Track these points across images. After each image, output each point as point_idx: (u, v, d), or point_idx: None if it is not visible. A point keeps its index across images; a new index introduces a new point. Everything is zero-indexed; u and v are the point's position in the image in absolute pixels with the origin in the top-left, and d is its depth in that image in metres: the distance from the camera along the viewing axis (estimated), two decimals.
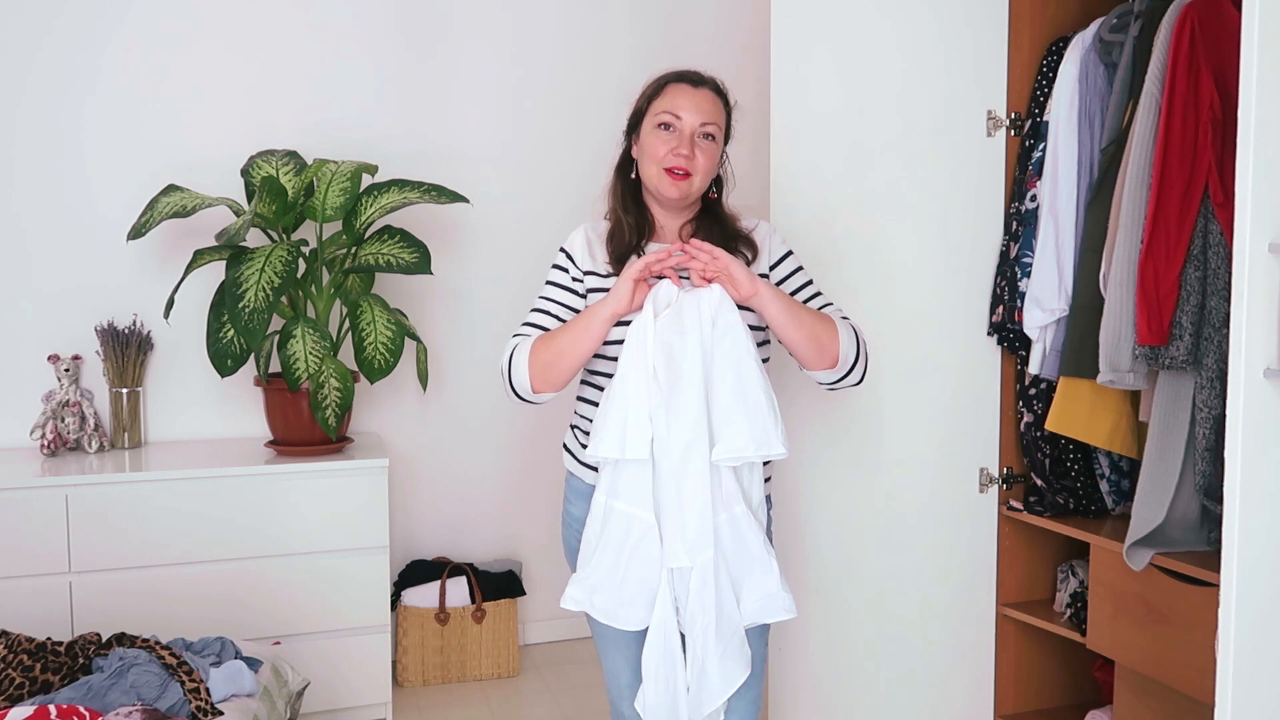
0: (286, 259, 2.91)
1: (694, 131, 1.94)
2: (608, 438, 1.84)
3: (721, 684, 1.88)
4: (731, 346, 1.86)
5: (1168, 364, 2.27)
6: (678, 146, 1.94)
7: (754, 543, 1.90)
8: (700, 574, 1.85)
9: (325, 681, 3.02)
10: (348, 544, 3.06)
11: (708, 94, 1.98)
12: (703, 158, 1.95)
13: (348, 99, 3.50)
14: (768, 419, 1.85)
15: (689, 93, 1.96)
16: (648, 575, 1.88)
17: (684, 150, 1.93)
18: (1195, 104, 2.23)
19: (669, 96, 1.97)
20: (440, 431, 3.65)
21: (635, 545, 1.88)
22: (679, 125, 1.95)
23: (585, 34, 3.71)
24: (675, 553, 1.85)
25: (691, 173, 1.95)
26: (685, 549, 1.85)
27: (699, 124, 1.94)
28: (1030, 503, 2.78)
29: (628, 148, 2.05)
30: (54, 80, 3.25)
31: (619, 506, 1.88)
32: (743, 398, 1.85)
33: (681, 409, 1.84)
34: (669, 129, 1.95)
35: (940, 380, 2.76)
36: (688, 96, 1.96)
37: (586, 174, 2.11)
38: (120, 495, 2.90)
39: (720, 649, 1.87)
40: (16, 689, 2.20)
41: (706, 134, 1.95)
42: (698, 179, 1.96)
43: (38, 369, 3.25)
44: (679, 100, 1.96)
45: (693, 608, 1.86)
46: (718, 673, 1.87)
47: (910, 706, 2.80)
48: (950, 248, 2.75)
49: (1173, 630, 2.35)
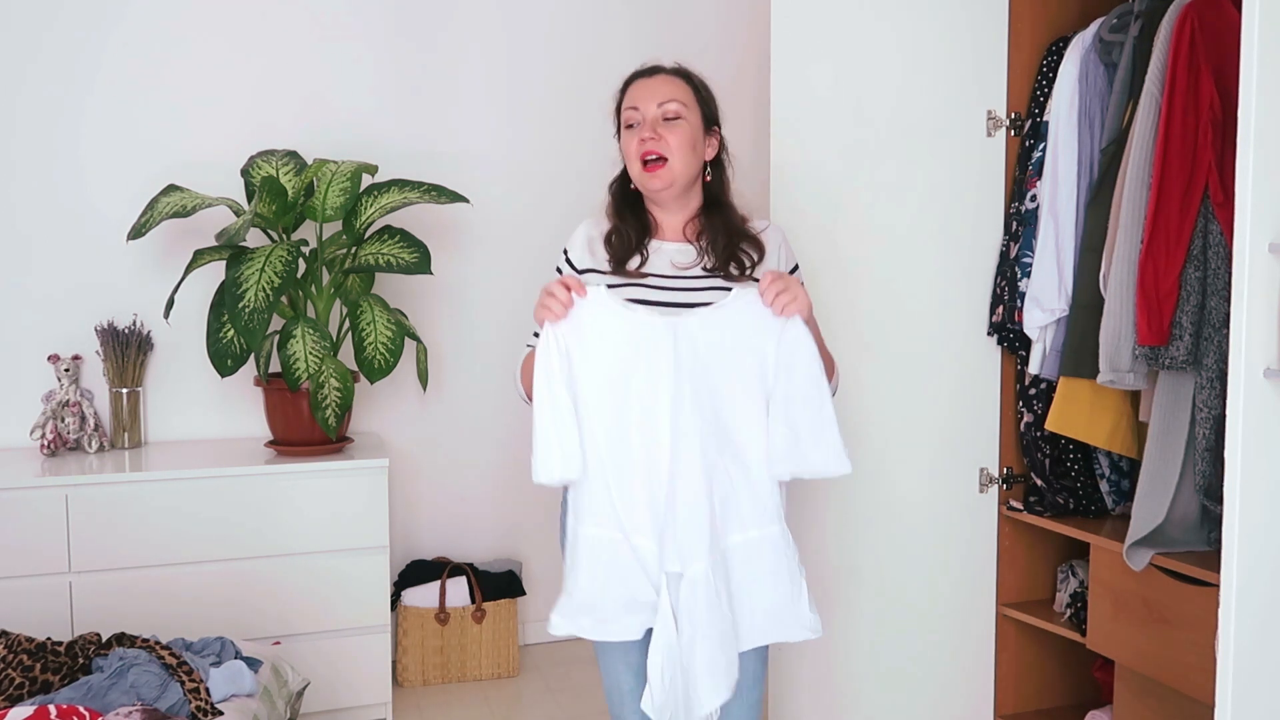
0: (286, 259, 2.91)
1: (654, 117, 1.94)
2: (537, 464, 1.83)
3: (710, 695, 1.84)
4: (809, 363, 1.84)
5: (1168, 364, 2.27)
6: (642, 133, 1.94)
7: (788, 563, 1.88)
8: (690, 583, 1.82)
9: (325, 681, 3.02)
10: (347, 544, 3.06)
11: (661, 78, 1.98)
12: (671, 137, 1.93)
13: (348, 99, 3.50)
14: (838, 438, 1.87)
15: (642, 84, 1.98)
16: (630, 589, 1.85)
17: (646, 134, 1.93)
18: (1195, 104, 2.23)
19: (628, 96, 1.99)
20: (440, 431, 3.65)
21: (608, 565, 1.85)
22: (638, 116, 1.95)
23: (586, 34, 3.71)
24: (669, 558, 1.83)
25: (664, 155, 1.93)
26: (678, 555, 1.83)
27: (656, 107, 1.94)
28: (1030, 503, 2.78)
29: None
30: (54, 80, 3.25)
31: (585, 531, 1.86)
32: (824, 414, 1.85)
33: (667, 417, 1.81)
34: (633, 126, 1.96)
35: (940, 380, 2.76)
36: (641, 88, 1.97)
37: (586, 174, 2.11)
38: (120, 495, 2.90)
39: (708, 659, 1.83)
40: (16, 689, 2.20)
41: (668, 115, 1.94)
42: (675, 161, 1.94)
43: (38, 369, 3.24)
44: (634, 95, 1.98)
45: (683, 617, 1.83)
46: (708, 685, 1.84)
47: (910, 706, 2.80)
48: (950, 248, 2.74)
49: (1173, 630, 2.35)
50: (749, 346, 1.85)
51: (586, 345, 1.84)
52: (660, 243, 2.01)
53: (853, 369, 2.39)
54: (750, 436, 1.86)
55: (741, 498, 1.86)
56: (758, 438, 1.86)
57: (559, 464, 1.82)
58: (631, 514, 1.84)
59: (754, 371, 1.85)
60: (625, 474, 1.84)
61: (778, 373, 1.84)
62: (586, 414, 1.84)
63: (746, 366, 1.85)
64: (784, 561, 1.89)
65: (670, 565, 1.83)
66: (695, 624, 1.83)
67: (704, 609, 1.83)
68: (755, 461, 1.86)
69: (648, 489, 1.83)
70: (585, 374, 1.84)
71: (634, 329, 1.83)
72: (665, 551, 1.83)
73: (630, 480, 1.84)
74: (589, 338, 1.84)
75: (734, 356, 1.85)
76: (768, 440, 1.85)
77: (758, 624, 1.90)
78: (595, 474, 1.85)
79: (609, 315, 1.84)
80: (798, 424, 1.84)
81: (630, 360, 1.83)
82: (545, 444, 1.82)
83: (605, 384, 1.84)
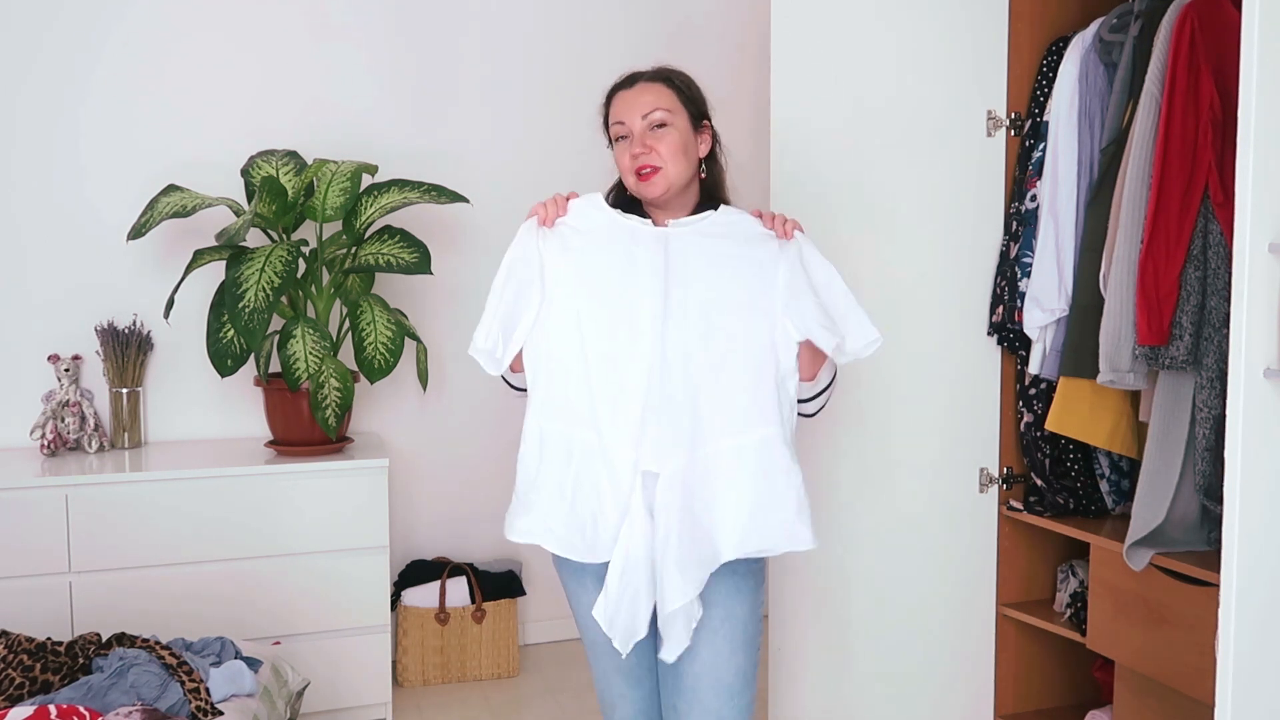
0: (286, 259, 2.91)
1: (641, 129, 1.94)
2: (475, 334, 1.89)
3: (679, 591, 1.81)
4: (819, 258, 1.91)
5: (1168, 364, 2.27)
6: (632, 147, 1.94)
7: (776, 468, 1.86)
8: (667, 480, 1.82)
9: (325, 681, 3.02)
10: (347, 544, 3.06)
11: (643, 86, 1.97)
12: (661, 146, 1.93)
13: (348, 99, 3.50)
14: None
15: (625, 96, 1.97)
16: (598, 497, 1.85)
17: (637, 150, 1.94)
18: (1195, 104, 2.23)
19: (613, 109, 1.98)
20: (440, 431, 3.65)
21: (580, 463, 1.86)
22: (626, 130, 1.95)
23: (586, 34, 3.71)
24: (646, 458, 1.83)
25: (656, 165, 1.94)
26: (655, 456, 1.83)
27: (641, 119, 1.94)
28: (1030, 503, 2.78)
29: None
30: (54, 80, 3.25)
31: (555, 428, 1.88)
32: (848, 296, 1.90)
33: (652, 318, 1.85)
34: (623, 139, 1.96)
35: (940, 380, 2.76)
36: (624, 101, 1.96)
37: (586, 173, 2.11)
38: (120, 495, 2.90)
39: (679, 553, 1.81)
40: (16, 689, 2.20)
41: (654, 124, 1.94)
42: (669, 168, 1.94)
43: (38, 369, 3.24)
44: (618, 108, 1.97)
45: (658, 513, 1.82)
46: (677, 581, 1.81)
47: (910, 706, 2.80)
48: (950, 247, 2.74)
49: (1173, 630, 2.35)
50: (747, 257, 1.91)
51: (573, 248, 1.90)
52: None
53: (853, 368, 2.38)
54: (745, 342, 1.88)
55: (734, 402, 1.87)
56: (752, 343, 1.88)
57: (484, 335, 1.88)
58: (612, 416, 1.85)
59: (752, 280, 1.89)
60: (608, 375, 1.86)
61: (793, 271, 1.89)
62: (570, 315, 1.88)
63: (743, 274, 1.90)
64: (773, 466, 1.87)
65: (647, 465, 1.83)
66: (669, 521, 1.82)
67: (679, 504, 1.83)
68: (748, 367, 1.88)
69: (631, 391, 1.85)
70: (568, 275, 1.89)
71: (622, 230, 1.91)
72: (643, 452, 1.83)
73: (613, 382, 1.85)
74: (577, 240, 1.90)
75: (730, 264, 1.90)
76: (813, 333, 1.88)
77: (740, 530, 1.86)
78: (574, 374, 1.87)
79: (599, 215, 1.93)
80: (830, 309, 1.89)
81: (619, 263, 1.89)
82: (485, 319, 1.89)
83: (592, 285, 1.88)
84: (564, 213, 1.92)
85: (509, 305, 1.89)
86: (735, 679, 1.94)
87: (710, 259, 1.90)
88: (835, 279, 1.91)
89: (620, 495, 1.84)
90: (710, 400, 1.86)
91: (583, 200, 1.94)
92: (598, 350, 1.86)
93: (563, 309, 1.89)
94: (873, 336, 1.89)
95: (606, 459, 1.85)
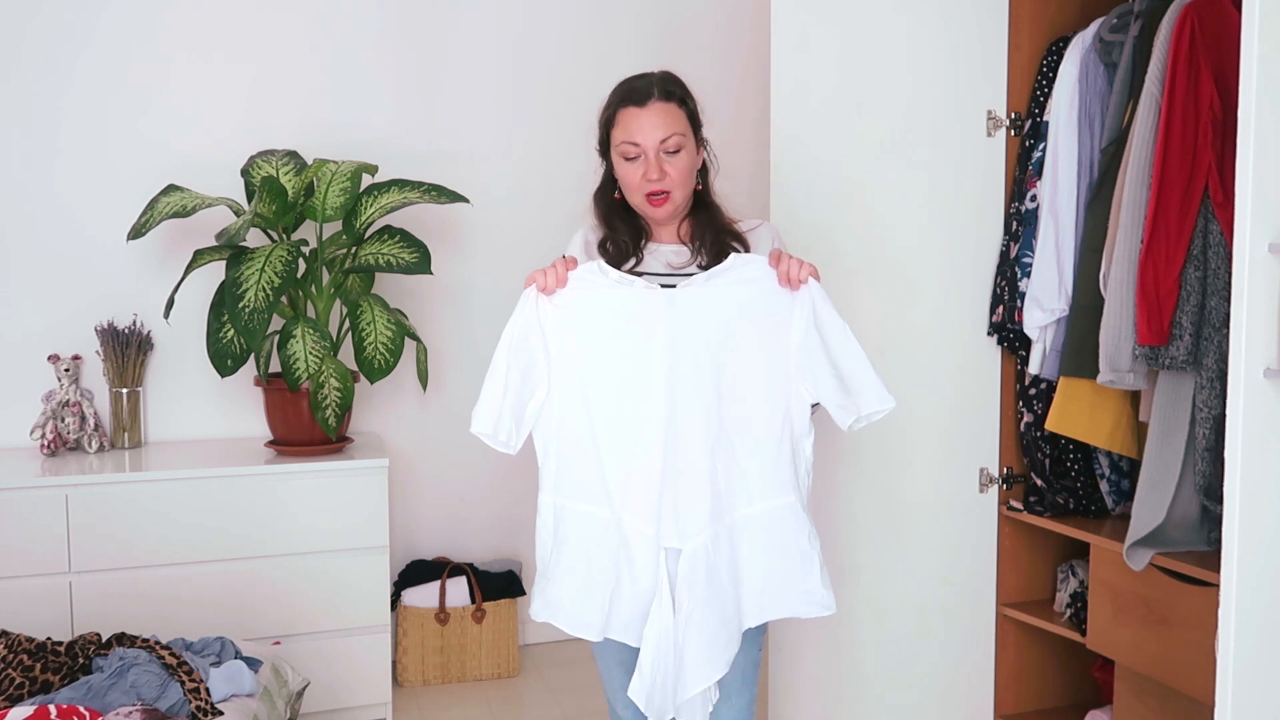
0: (286, 259, 2.91)
1: (655, 152, 1.93)
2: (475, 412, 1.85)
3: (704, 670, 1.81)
4: (833, 316, 1.84)
5: (1168, 364, 2.27)
6: (647, 172, 1.93)
7: (798, 536, 1.85)
8: (690, 557, 1.80)
9: (325, 681, 3.02)
10: (347, 544, 3.06)
11: (656, 107, 1.93)
12: (674, 170, 1.94)
13: (348, 99, 3.50)
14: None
15: (637, 115, 1.93)
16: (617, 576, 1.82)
17: (653, 175, 1.93)
18: (1195, 104, 2.23)
19: (622, 125, 1.95)
20: (440, 431, 3.65)
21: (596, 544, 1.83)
22: (638, 151, 1.94)
23: (586, 33, 3.71)
24: (668, 534, 1.81)
25: (668, 190, 1.94)
26: (677, 531, 1.81)
27: (657, 144, 1.92)
28: (1030, 503, 2.78)
29: (609, 168, 2.03)
30: (54, 80, 3.25)
31: (572, 507, 1.85)
32: (862, 360, 1.84)
33: (663, 388, 1.80)
34: (634, 159, 1.94)
35: (940, 380, 2.76)
36: (637, 120, 1.93)
37: (586, 173, 2.11)
38: (120, 495, 2.90)
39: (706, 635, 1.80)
40: (16, 689, 2.20)
41: (669, 150, 1.93)
42: (677, 192, 1.95)
43: (38, 369, 3.24)
44: (631, 127, 1.93)
45: (681, 590, 1.81)
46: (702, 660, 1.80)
47: (910, 706, 2.80)
48: (950, 248, 2.74)
49: (1173, 630, 2.35)
50: (759, 314, 1.84)
51: (576, 318, 1.84)
52: (656, 245, 2.02)
53: None
54: (757, 406, 1.84)
55: (749, 470, 1.84)
56: (766, 407, 1.84)
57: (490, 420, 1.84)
58: (626, 491, 1.82)
59: (765, 340, 1.84)
60: (620, 449, 1.82)
61: (807, 332, 1.83)
62: (576, 387, 1.83)
63: (755, 335, 1.84)
64: (795, 534, 1.85)
65: (669, 541, 1.81)
66: (694, 598, 1.80)
67: (704, 582, 1.80)
68: (763, 432, 1.84)
69: (645, 464, 1.81)
70: (573, 347, 1.84)
71: (627, 298, 1.84)
72: (664, 528, 1.81)
73: (625, 455, 1.82)
74: (580, 310, 1.84)
75: (741, 324, 1.84)
76: (826, 402, 1.84)
77: (765, 598, 1.86)
78: (585, 448, 1.84)
79: (603, 285, 1.85)
80: (843, 373, 1.84)
81: (624, 331, 1.83)
82: (489, 399, 1.84)
83: (598, 356, 1.84)
84: (564, 284, 1.84)
85: (516, 389, 1.84)
86: (735, 678, 1.94)
87: (720, 320, 1.84)
88: (849, 340, 1.84)
89: (637, 572, 1.82)
90: (727, 470, 1.84)
91: (582, 270, 1.86)
92: (606, 424, 1.83)
93: (568, 383, 1.85)
94: (888, 404, 1.84)
95: (622, 536, 1.83)
